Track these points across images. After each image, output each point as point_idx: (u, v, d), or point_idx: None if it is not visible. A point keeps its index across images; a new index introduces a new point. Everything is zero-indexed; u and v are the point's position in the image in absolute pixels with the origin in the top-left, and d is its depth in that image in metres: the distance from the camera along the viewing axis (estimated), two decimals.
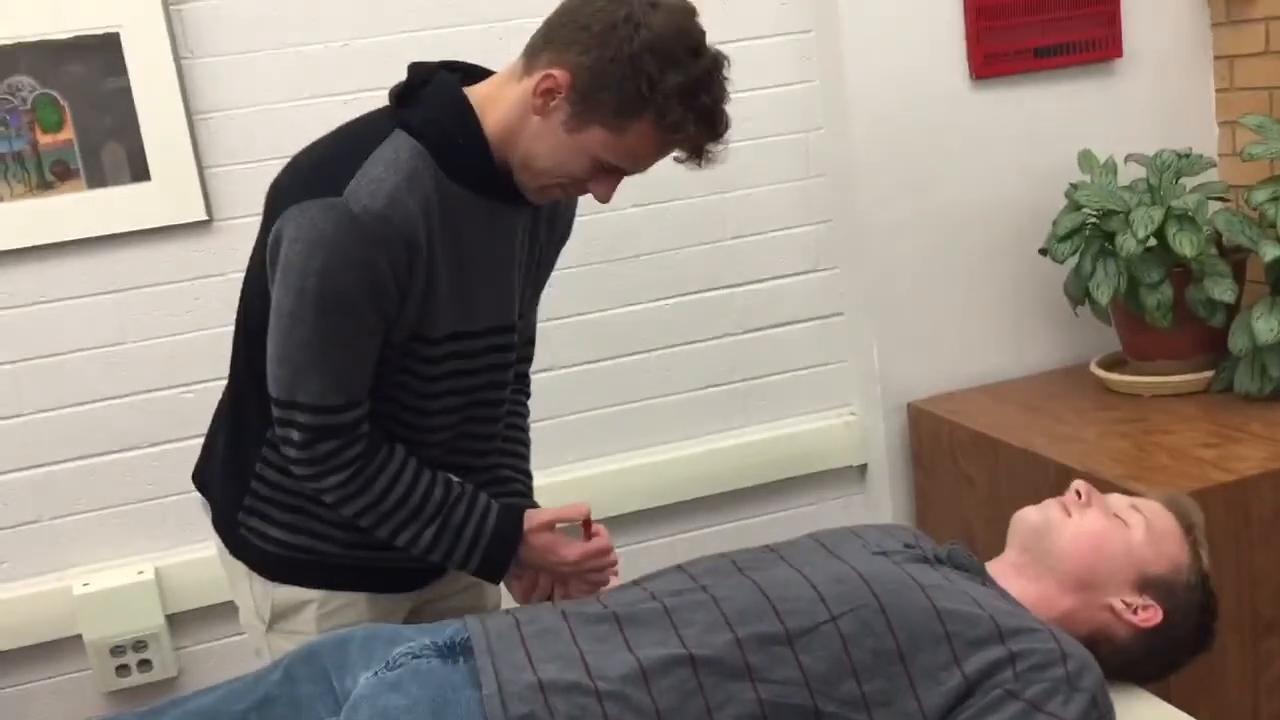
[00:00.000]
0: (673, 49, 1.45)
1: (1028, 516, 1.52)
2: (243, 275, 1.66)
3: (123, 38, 2.25)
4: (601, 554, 1.68)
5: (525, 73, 1.51)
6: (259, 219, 1.60)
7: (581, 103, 1.47)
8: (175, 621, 2.42)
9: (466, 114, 1.53)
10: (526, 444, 1.89)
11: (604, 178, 1.55)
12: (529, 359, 1.88)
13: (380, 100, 1.62)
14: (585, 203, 1.73)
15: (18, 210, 2.26)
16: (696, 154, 1.54)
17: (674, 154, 1.56)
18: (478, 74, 1.61)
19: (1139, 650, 1.46)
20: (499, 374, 1.68)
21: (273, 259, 1.51)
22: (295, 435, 1.54)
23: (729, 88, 1.53)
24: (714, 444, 2.71)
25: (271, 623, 1.69)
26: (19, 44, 2.21)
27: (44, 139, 2.26)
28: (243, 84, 2.35)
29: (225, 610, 2.23)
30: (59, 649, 2.38)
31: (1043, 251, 2.49)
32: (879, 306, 2.64)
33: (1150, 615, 1.45)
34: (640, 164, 1.55)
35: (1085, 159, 2.51)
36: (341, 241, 1.45)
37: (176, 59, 2.28)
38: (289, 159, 1.61)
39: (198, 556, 2.38)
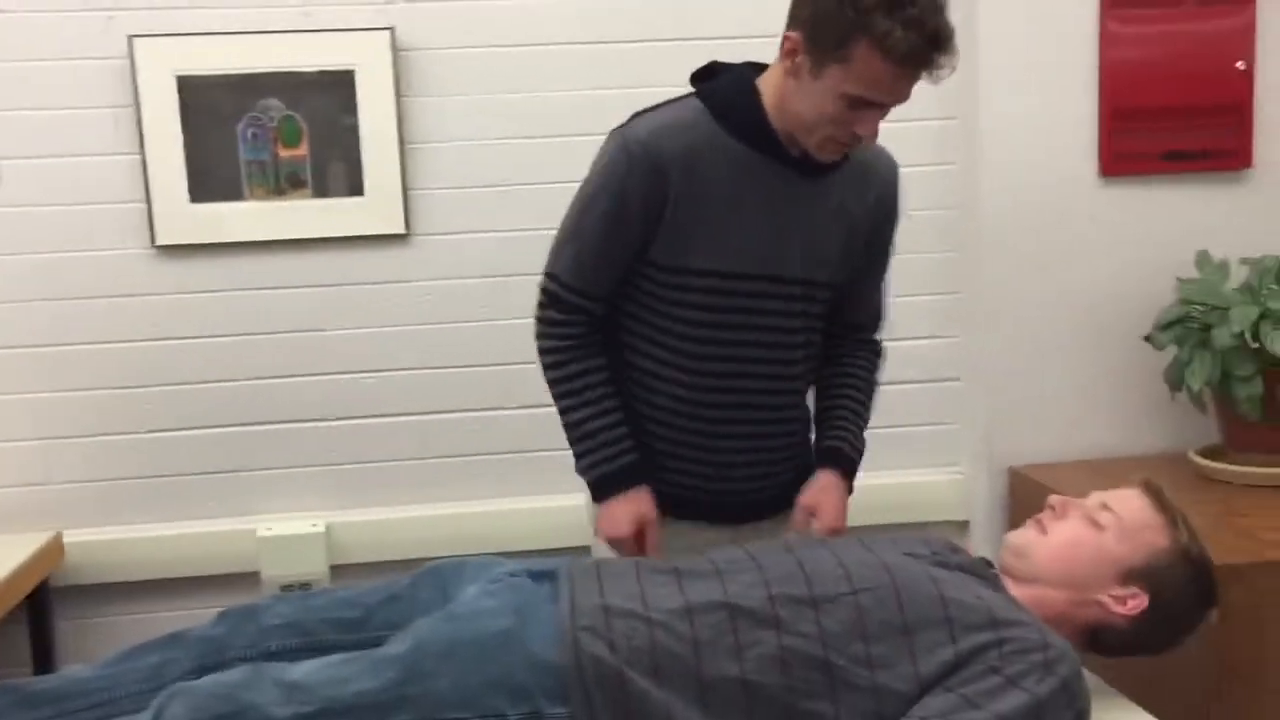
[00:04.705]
0: None
1: (1009, 541, 1.74)
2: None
3: (356, 75, 2.69)
4: None
5: (779, 53, 1.82)
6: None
7: (813, 49, 1.74)
8: (337, 571, 2.78)
9: (749, 88, 1.87)
10: (856, 393, 2.08)
11: (862, 114, 1.76)
12: (871, 328, 2.12)
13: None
14: None
15: (256, 210, 2.71)
16: (920, 64, 1.70)
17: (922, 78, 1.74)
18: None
19: (1139, 632, 1.65)
20: (774, 319, 1.92)
21: None
22: (542, 298, 1.95)
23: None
24: None
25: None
26: (273, 73, 2.67)
27: (284, 153, 2.70)
28: (449, 122, 2.75)
29: (381, 568, 2.60)
30: (237, 582, 2.76)
31: (1146, 338, 2.66)
32: (993, 375, 2.85)
33: (1137, 603, 1.63)
34: (882, 89, 1.73)
35: (1201, 259, 2.67)
36: (611, 158, 1.87)
37: (397, 96, 2.70)
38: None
39: (362, 519, 2.78)
